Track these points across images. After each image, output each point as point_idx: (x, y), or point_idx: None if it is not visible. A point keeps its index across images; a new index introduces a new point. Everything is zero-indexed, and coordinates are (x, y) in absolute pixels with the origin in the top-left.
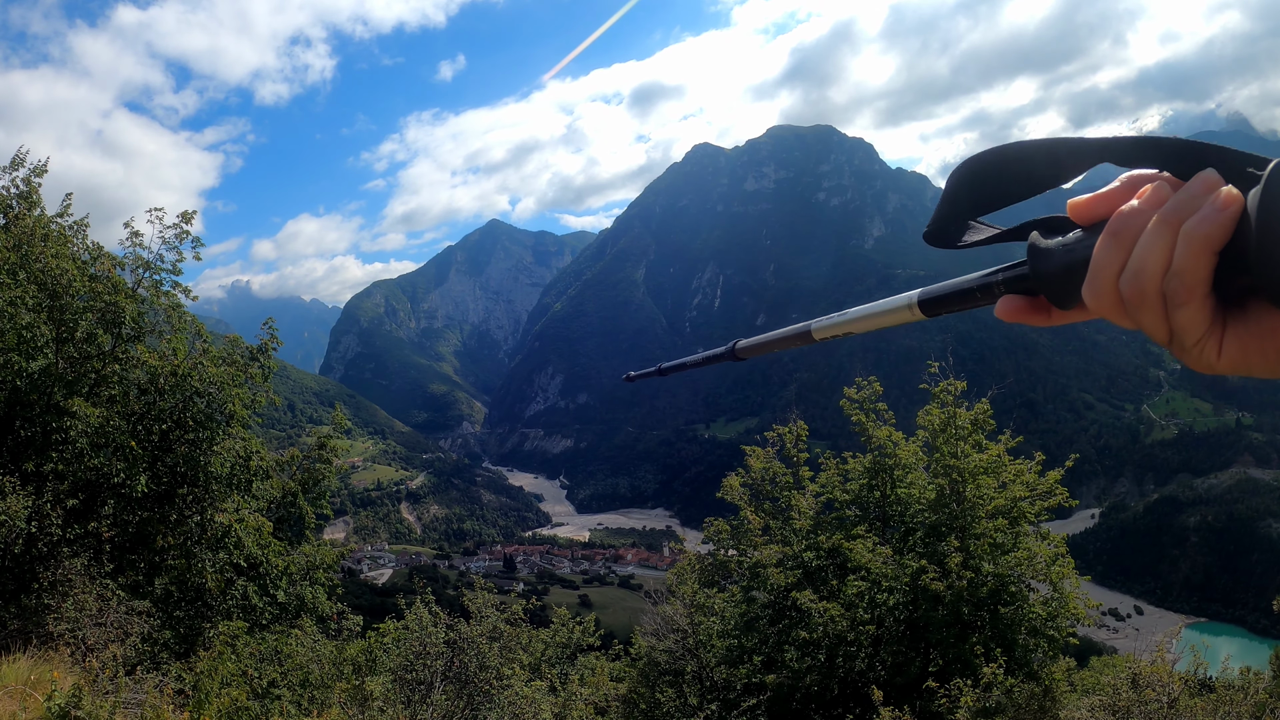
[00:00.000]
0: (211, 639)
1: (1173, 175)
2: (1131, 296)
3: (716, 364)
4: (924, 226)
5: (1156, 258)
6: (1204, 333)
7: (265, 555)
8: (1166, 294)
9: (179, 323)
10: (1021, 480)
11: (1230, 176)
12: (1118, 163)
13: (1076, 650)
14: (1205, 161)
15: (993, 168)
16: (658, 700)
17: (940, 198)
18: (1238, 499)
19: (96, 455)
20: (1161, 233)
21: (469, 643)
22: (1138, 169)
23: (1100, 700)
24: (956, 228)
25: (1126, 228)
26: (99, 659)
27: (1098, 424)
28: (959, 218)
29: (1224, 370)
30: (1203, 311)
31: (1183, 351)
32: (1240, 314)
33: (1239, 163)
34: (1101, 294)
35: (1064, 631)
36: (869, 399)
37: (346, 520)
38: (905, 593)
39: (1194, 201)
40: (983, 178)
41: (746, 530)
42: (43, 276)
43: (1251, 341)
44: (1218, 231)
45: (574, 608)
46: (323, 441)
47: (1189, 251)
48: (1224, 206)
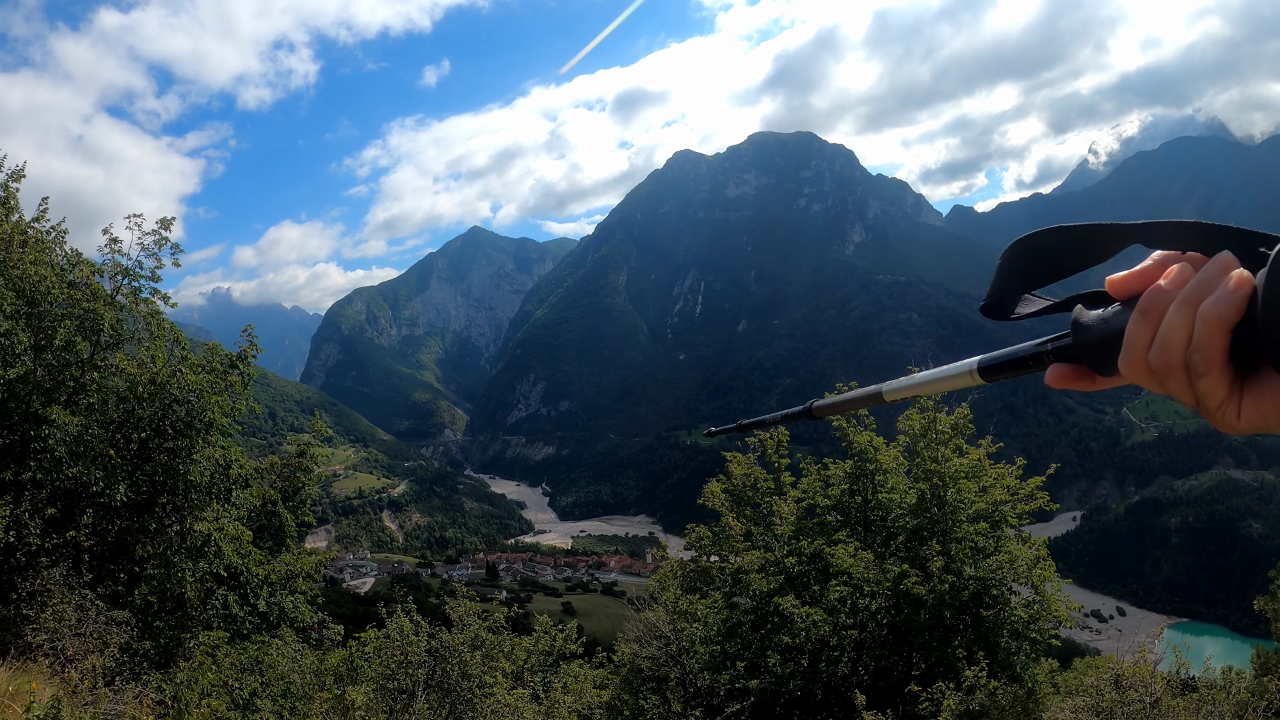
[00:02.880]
0: (191, 649)
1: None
2: (1159, 368)
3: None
4: (904, 231)
5: (1179, 334)
6: (1224, 399)
7: (245, 564)
8: (1189, 366)
9: (158, 330)
10: (1002, 484)
11: (1244, 255)
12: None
13: (1059, 652)
14: (1224, 243)
15: (1040, 249)
16: (641, 707)
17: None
18: (1218, 500)
19: (75, 464)
20: (1182, 312)
21: (451, 651)
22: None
23: (1083, 701)
24: (1011, 300)
25: (1154, 306)
26: (78, 669)
27: (1078, 427)
28: (1013, 291)
29: (1245, 430)
30: (1222, 380)
31: (1208, 415)
32: (1256, 379)
33: (1254, 243)
34: (1135, 365)
35: (1046, 634)
36: None
37: (328, 529)
38: (887, 597)
39: (1211, 283)
40: (1033, 256)
41: (728, 536)
42: (20, 283)
43: (1267, 404)
44: (1230, 311)
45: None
46: (303, 449)
47: (1205, 329)
48: (1236, 288)
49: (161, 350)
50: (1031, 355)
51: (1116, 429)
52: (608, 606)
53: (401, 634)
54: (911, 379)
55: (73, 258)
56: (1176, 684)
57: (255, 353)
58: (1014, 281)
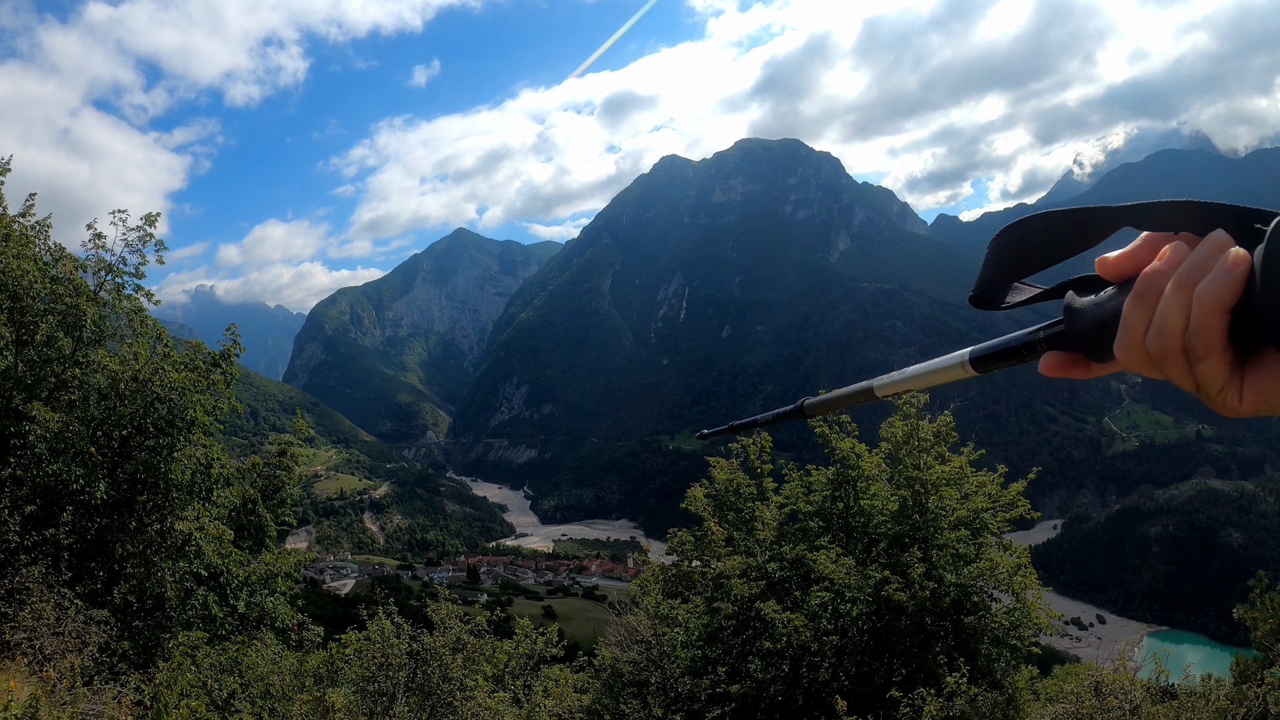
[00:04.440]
0: (171, 649)
1: (1191, 234)
2: (1157, 353)
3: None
4: (890, 239)
5: (1176, 318)
6: (1225, 382)
7: (226, 564)
8: (1188, 350)
9: (141, 327)
10: (984, 492)
11: (1239, 233)
12: (1138, 226)
13: (1040, 659)
14: (1218, 222)
15: (1028, 235)
16: (622, 712)
17: (982, 264)
18: (1198, 509)
19: (55, 461)
20: (1179, 295)
21: (432, 654)
22: (1156, 232)
23: (1064, 708)
24: (1000, 290)
25: (1149, 290)
26: (56, 669)
27: (1060, 436)
28: (1002, 280)
29: (1248, 413)
30: (1222, 363)
31: (1209, 399)
32: (1258, 361)
33: (1247, 219)
34: (1131, 351)
35: (1027, 641)
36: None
37: (309, 530)
38: (868, 603)
39: (1206, 263)
40: (1022, 243)
41: (710, 541)
42: (3, 277)
43: (1269, 386)
44: (1227, 292)
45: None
46: (284, 449)
47: (1203, 312)
48: (1232, 267)
49: (144, 347)
50: (1024, 344)
51: (1098, 438)
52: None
53: (382, 636)
54: (903, 373)
55: (56, 252)
56: (1156, 691)
57: (238, 351)
58: (1003, 270)
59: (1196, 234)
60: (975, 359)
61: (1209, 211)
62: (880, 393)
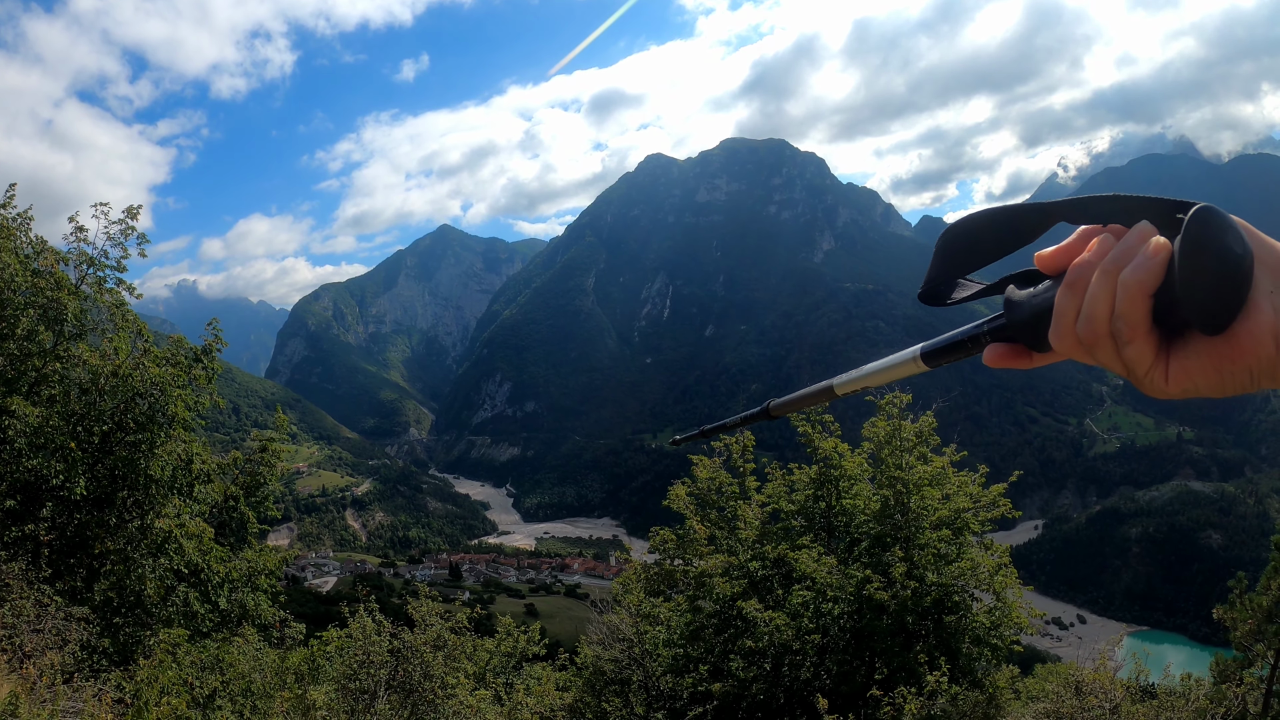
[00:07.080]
0: (151, 647)
1: (1121, 226)
2: (1087, 339)
3: (754, 422)
4: (874, 240)
5: (1102, 305)
6: (1151, 363)
7: (207, 561)
8: (1114, 334)
9: (122, 321)
10: (965, 492)
11: (1162, 224)
12: (1073, 221)
13: (1020, 659)
14: (1144, 214)
15: (971, 233)
16: (604, 710)
17: (930, 262)
18: (1178, 511)
19: (35, 456)
20: (1104, 282)
21: (414, 651)
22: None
23: (1044, 707)
24: (946, 287)
25: (1078, 279)
26: (36, 666)
27: (1041, 437)
28: (948, 277)
29: (1175, 394)
30: (1147, 345)
31: (1137, 381)
32: (1182, 343)
33: (1171, 210)
34: (1064, 338)
35: (1007, 640)
36: (815, 410)
37: (290, 527)
38: (850, 602)
39: (1130, 251)
40: (966, 240)
41: (693, 540)
42: None
43: (1193, 366)
44: (1149, 278)
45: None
46: (265, 444)
47: (1126, 296)
48: (1153, 254)
49: (125, 342)
50: (970, 337)
51: (1079, 439)
52: (571, 609)
53: (364, 634)
54: (860, 371)
55: (37, 245)
56: (1136, 691)
57: (220, 347)
58: (949, 267)
59: (1126, 226)
60: (926, 354)
61: (1136, 204)
62: (840, 391)
